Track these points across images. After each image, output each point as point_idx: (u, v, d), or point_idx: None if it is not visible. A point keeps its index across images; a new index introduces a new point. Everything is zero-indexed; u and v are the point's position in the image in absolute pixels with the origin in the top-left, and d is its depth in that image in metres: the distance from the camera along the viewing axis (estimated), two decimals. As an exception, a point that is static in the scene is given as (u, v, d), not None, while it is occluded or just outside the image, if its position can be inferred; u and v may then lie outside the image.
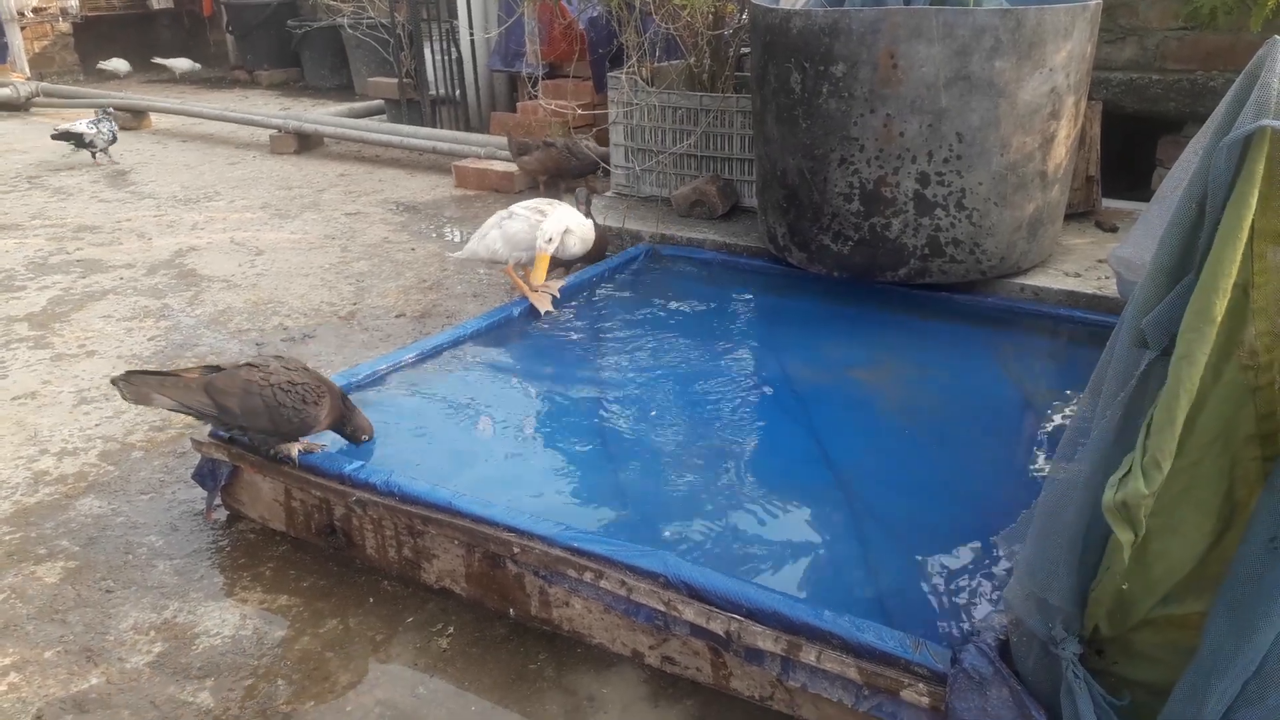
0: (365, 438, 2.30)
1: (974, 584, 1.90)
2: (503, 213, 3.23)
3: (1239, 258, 1.12)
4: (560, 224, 3.08)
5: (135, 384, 2.10)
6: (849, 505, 2.17)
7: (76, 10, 10.27)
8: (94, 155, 6.28)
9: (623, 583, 1.80)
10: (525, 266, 3.25)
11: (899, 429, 2.55)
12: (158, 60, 10.13)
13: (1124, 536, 1.19)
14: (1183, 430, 1.17)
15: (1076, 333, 3.01)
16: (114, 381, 2.10)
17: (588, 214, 3.47)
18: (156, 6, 11.28)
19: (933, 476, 2.32)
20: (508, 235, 3.19)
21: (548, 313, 3.18)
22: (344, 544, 2.21)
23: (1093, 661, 1.37)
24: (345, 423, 2.27)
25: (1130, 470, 1.17)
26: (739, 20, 4.13)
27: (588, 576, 1.84)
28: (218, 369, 2.18)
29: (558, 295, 3.27)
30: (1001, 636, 1.53)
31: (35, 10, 9.81)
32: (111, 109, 6.45)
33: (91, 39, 10.62)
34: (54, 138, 6.19)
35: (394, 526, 2.11)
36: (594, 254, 3.51)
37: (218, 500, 2.40)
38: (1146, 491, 1.16)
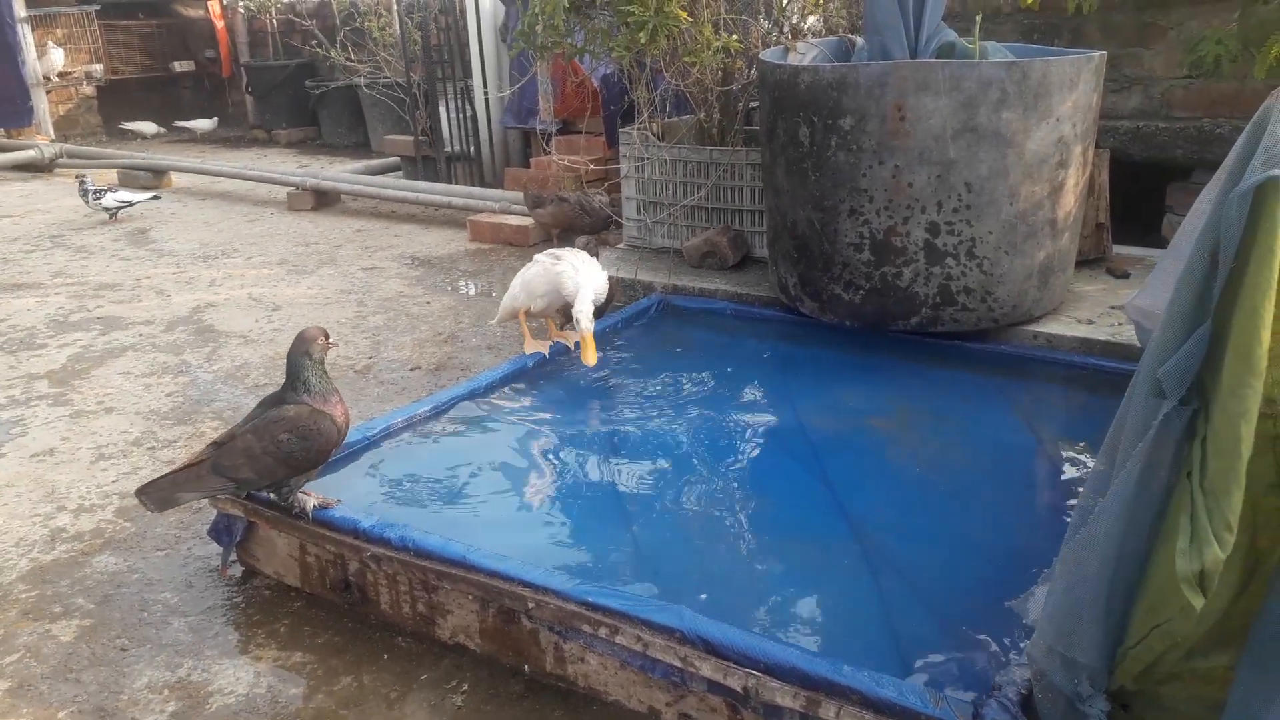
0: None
1: (995, 637, 1.87)
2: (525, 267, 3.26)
3: (1272, 309, 1.12)
4: (588, 299, 3.04)
5: (153, 493, 2.11)
6: (866, 557, 2.15)
7: (101, 74, 10.52)
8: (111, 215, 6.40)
9: (639, 638, 1.78)
10: (546, 315, 3.26)
11: (915, 478, 2.53)
12: (180, 124, 10.34)
13: (1196, 602, 1.16)
14: (1205, 481, 1.15)
15: (1091, 380, 2.99)
16: (138, 497, 2.11)
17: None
18: (178, 69, 11.54)
19: (950, 526, 2.29)
20: (525, 281, 3.21)
21: (551, 349, 3.18)
22: (359, 600, 2.19)
23: (1118, 717, 1.33)
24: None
25: (1199, 536, 1.15)
26: (748, 76, 4.19)
27: (603, 632, 1.82)
28: (219, 445, 2.17)
29: (572, 346, 3.29)
30: (1024, 691, 1.50)
31: (61, 75, 10.04)
32: (88, 180, 6.49)
33: (114, 101, 10.86)
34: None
35: (408, 582, 2.09)
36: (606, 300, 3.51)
37: (233, 556, 2.39)
38: (1224, 556, 1.14)
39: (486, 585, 1.95)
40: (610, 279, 3.49)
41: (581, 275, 3.10)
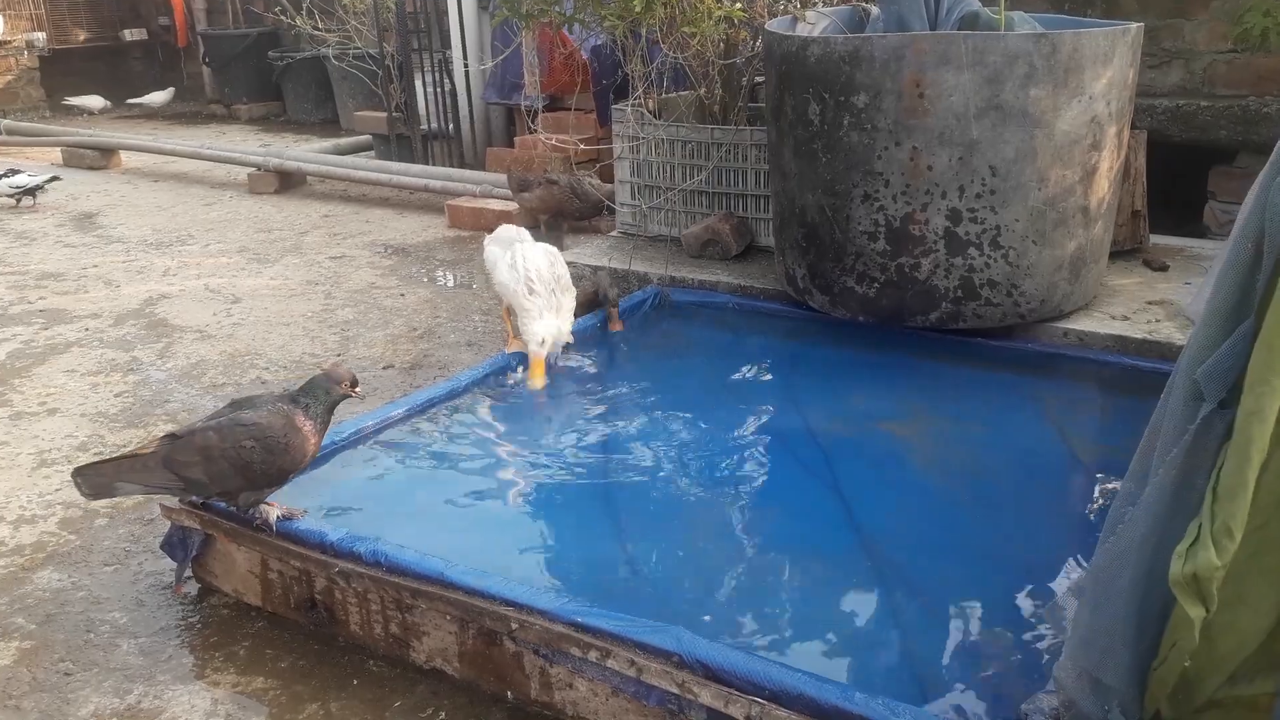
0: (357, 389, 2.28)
1: (1019, 660, 1.88)
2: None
3: None
4: (548, 329, 3.05)
5: (90, 477, 2.10)
6: (879, 573, 2.15)
7: (43, 43, 10.49)
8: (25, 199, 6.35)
9: (632, 662, 1.78)
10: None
11: (932, 488, 2.54)
12: (133, 100, 10.29)
13: (1194, 612, 1.17)
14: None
15: (1126, 380, 3.00)
16: (72, 479, 2.10)
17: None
18: (129, 38, 11.51)
19: (971, 540, 2.30)
20: (501, 278, 3.21)
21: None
22: (326, 620, 2.19)
23: (1154, 748, 1.34)
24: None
25: (1198, 539, 1.16)
26: (752, 48, 4.19)
27: (593, 655, 1.82)
28: (175, 436, 2.17)
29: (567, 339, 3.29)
30: (1051, 719, 1.51)
31: None
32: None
33: (58, 73, 10.83)
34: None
35: (380, 600, 2.09)
36: (582, 308, 3.50)
37: (188, 572, 2.39)
38: (1219, 563, 1.15)
39: (466, 604, 1.95)
40: (602, 280, 3.48)
41: (547, 318, 3.07)
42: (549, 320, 3.06)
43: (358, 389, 2.25)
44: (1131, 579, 1.32)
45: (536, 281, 3.10)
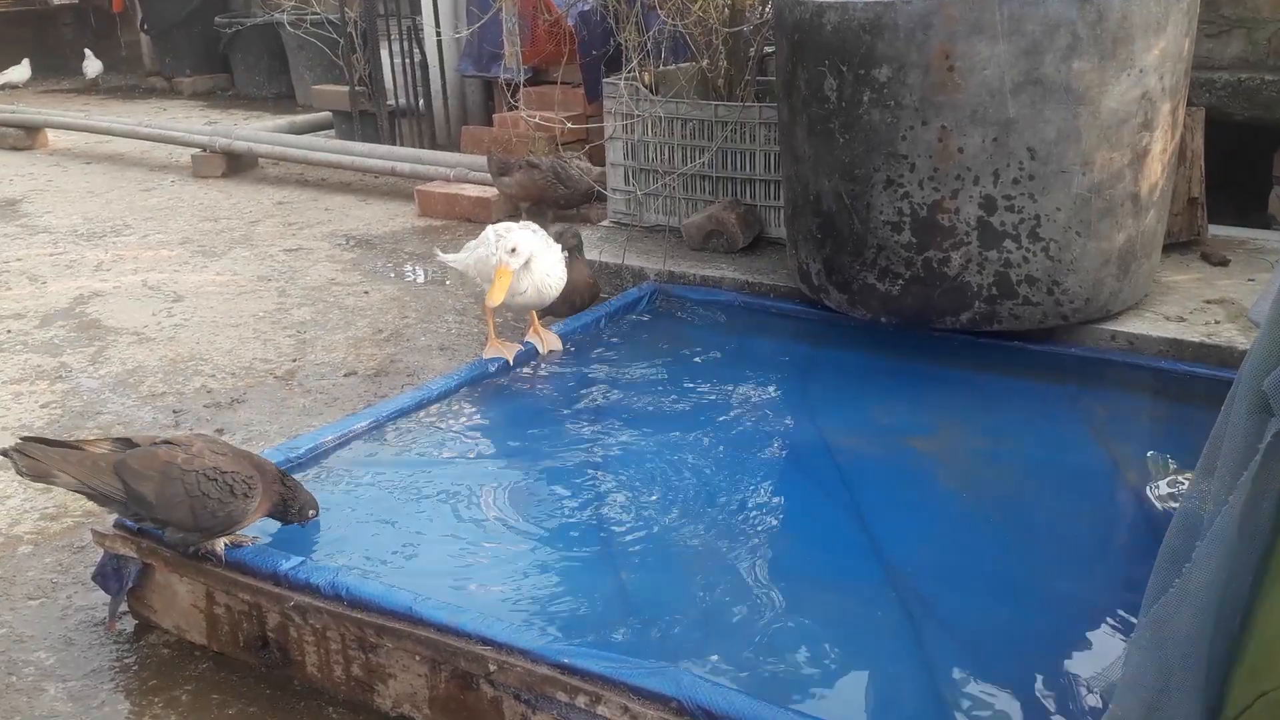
0: (312, 514, 2.32)
1: (1062, 707, 1.87)
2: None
3: None
4: (530, 243, 3.08)
5: (33, 455, 2.10)
6: (904, 607, 2.15)
7: (-40, 9, 10.48)
8: None
9: (625, 708, 1.78)
10: (524, 311, 3.29)
11: (964, 512, 2.54)
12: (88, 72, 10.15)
13: None
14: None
15: (1182, 389, 3.01)
16: (5, 453, 2.10)
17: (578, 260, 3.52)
18: (57, 3, 11.50)
19: (1007, 571, 2.30)
20: (478, 258, 3.22)
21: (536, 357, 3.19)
22: (279, 660, 2.19)
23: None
24: (287, 507, 2.27)
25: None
26: (761, 15, 4.20)
27: (582, 701, 1.82)
28: (130, 443, 2.18)
29: (559, 348, 3.31)
30: (1100, 775, 1.51)
31: (-91, 9, 10.01)
32: None
33: (-22, 41, 10.82)
34: None
35: (341, 638, 2.09)
36: (580, 303, 3.53)
37: (123, 607, 2.38)
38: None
39: (438, 643, 1.95)
40: (588, 273, 3.50)
41: (534, 243, 3.10)
42: (532, 237, 3.10)
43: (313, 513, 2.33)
44: (1194, 616, 1.31)
45: (505, 230, 3.17)
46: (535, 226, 3.25)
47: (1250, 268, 3.62)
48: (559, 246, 3.27)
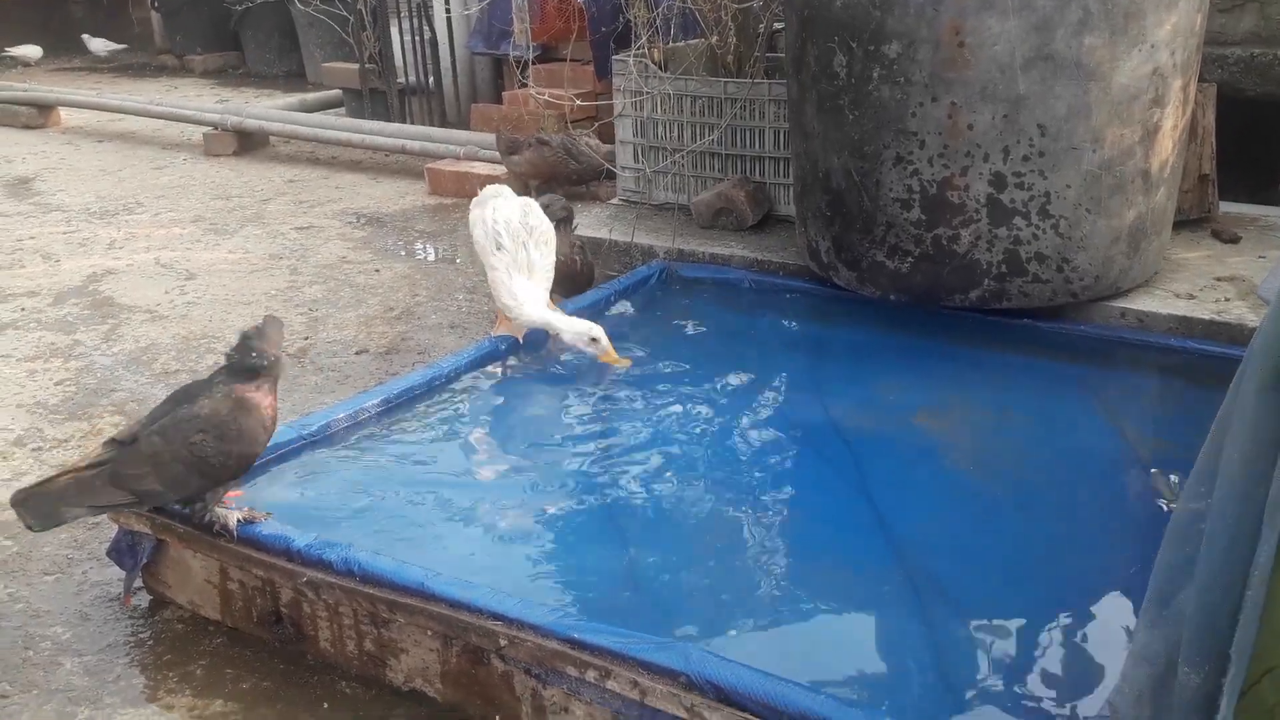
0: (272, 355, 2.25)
1: (1070, 684, 1.88)
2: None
3: None
4: (524, 293, 3.07)
5: (34, 504, 2.07)
6: (912, 585, 2.15)
7: (-28, -14, 10.47)
8: None
9: (634, 683, 1.79)
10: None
11: (972, 489, 2.53)
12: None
13: None
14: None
15: (1192, 367, 3.00)
16: (15, 509, 2.08)
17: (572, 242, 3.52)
18: (68, -20, 11.49)
19: (1015, 549, 2.30)
20: (475, 237, 3.23)
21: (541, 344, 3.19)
22: (292, 635, 2.20)
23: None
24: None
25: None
26: (771, -10, 4.17)
27: (591, 675, 1.83)
28: (119, 443, 2.16)
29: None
30: (1106, 751, 1.51)
31: (-78, -14, 10.01)
32: None
33: (-10, 19, 10.81)
34: None
35: (353, 614, 2.10)
36: (574, 287, 3.53)
37: (138, 582, 2.40)
38: None
39: (449, 618, 1.96)
40: (577, 253, 3.49)
41: (516, 284, 3.07)
42: (519, 281, 3.08)
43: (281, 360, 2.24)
44: (1201, 593, 1.31)
45: (504, 234, 3.12)
46: (529, 201, 3.22)
47: (1261, 245, 3.59)
48: (552, 251, 3.22)
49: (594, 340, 3.02)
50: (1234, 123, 3.99)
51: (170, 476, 2.11)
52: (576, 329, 3.04)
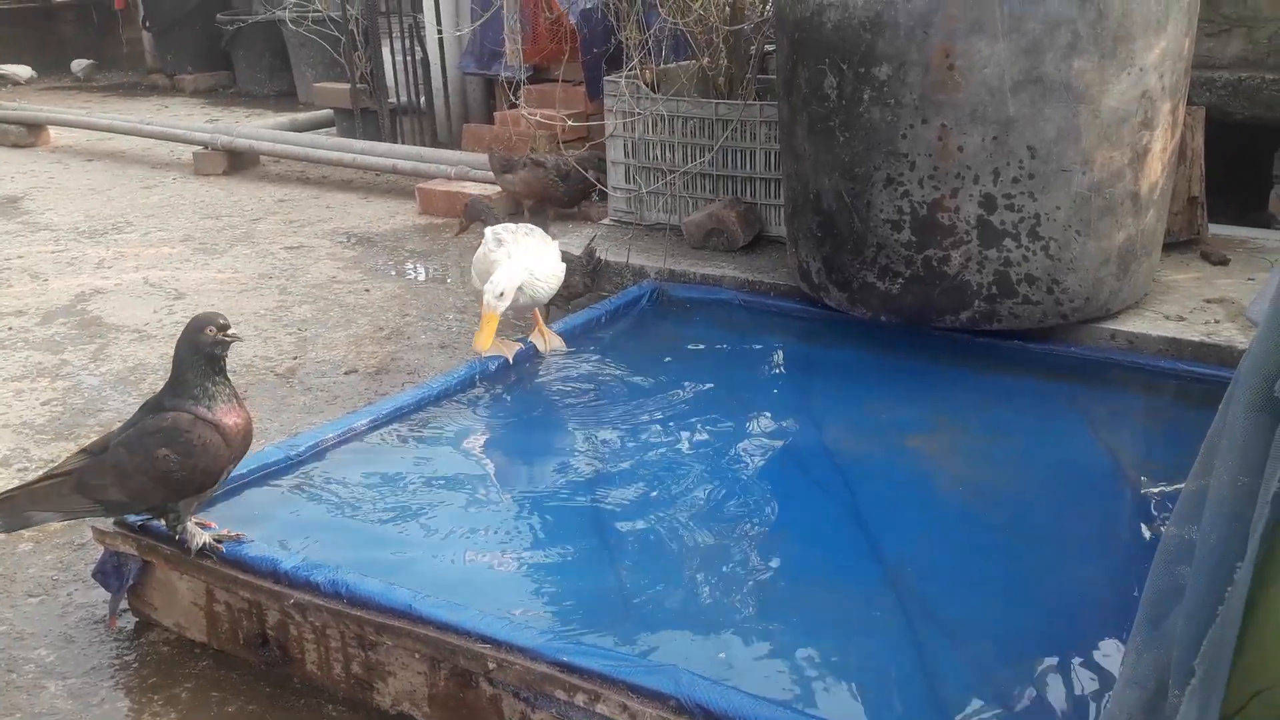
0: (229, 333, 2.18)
1: (1061, 707, 1.87)
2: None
3: None
4: (513, 277, 3.07)
5: (2, 508, 2.09)
6: (903, 608, 2.15)
7: (-38, 5, 10.49)
8: None
9: (624, 706, 1.78)
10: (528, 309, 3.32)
11: (964, 512, 2.53)
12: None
13: None
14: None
15: (1182, 389, 3.01)
16: None
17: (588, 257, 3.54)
18: (60, 0, 11.50)
19: (1007, 572, 2.30)
20: (475, 261, 3.25)
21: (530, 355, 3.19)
22: (279, 658, 2.19)
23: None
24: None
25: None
26: (762, 13, 4.19)
27: (580, 699, 1.82)
28: (90, 453, 2.17)
29: (562, 347, 3.32)
30: (1097, 774, 1.51)
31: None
32: None
33: (-20, 39, 10.83)
34: None
35: (341, 636, 2.09)
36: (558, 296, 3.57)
37: (123, 604, 2.39)
38: None
39: (438, 641, 1.95)
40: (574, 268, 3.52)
41: (515, 261, 3.11)
42: (515, 264, 3.09)
43: (230, 330, 2.16)
44: (1188, 615, 1.31)
45: (504, 231, 3.18)
46: (533, 228, 3.26)
47: (1250, 267, 3.61)
48: (555, 243, 3.28)
49: (493, 297, 3.02)
50: (1222, 146, 4.02)
51: (134, 488, 2.12)
52: (495, 279, 3.04)
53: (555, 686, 1.84)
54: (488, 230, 3.26)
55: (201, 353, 2.15)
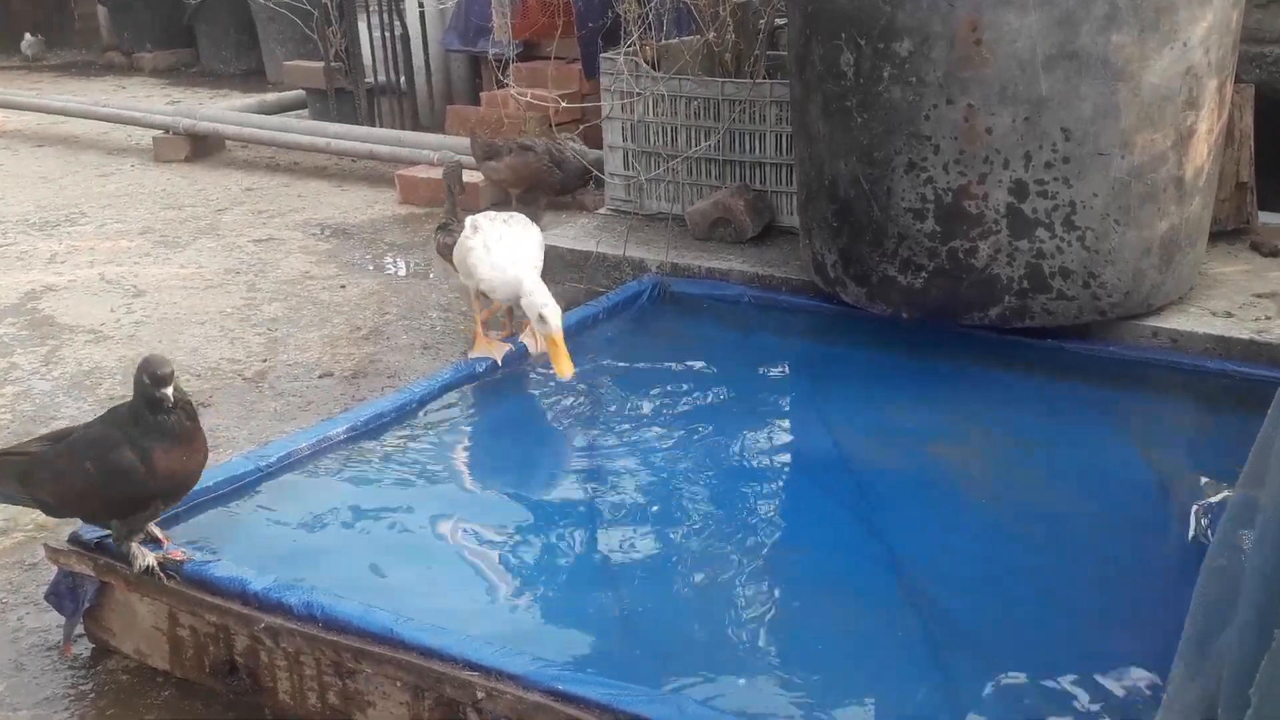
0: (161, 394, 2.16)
1: (1100, 736, 1.88)
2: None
3: None
4: (538, 284, 3.03)
5: None
6: (925, 629, 2.16)
7: (-98, -23, 10.49)
8: None
9: (624, 738, 1.78)
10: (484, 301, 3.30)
11: (992, 525, 2.54)
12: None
13: None
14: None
15: (1231, 392, 3.01)
16: None
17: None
18: (7, -29, 11.51)
19: (1039, 589, 2.30)
20: (455, 249, 3.28)
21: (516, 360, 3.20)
22: (248, 687, 2.19)
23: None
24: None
25: None
26: (772, -17, 4.20)
27: (577, 730, 1.82)
28: (55, 440, 2.22)
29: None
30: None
31: None
32: None
33: (-80, 14, 10.83)
34: None
35: (316, 663, 2.09)
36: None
37: (79, 629, 2.38)
38: None
39: (421, 668, 1.95)
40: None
41: (498, 254, 3.09)
42: (502, 250, 3.09)
43: (165, 391, 2.12)
44: (1241, 635, 1.32)
45: (480, 218, 3.20)
46: (514, 215, 3.25)
47: (1304, 258, 3.62)
48: (537, 230, 3.27)
49: (541, 319, 2.97)
50: (1274, 126, 4.02)
51: (64, 494, 2.18)
52: (535, 299, 2.98)
53: (550, 717, 1.84)
54: (467, 218, 3.26)
55: (142, 394, 2.17)
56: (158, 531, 2.26)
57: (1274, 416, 1.36)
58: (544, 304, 2.96)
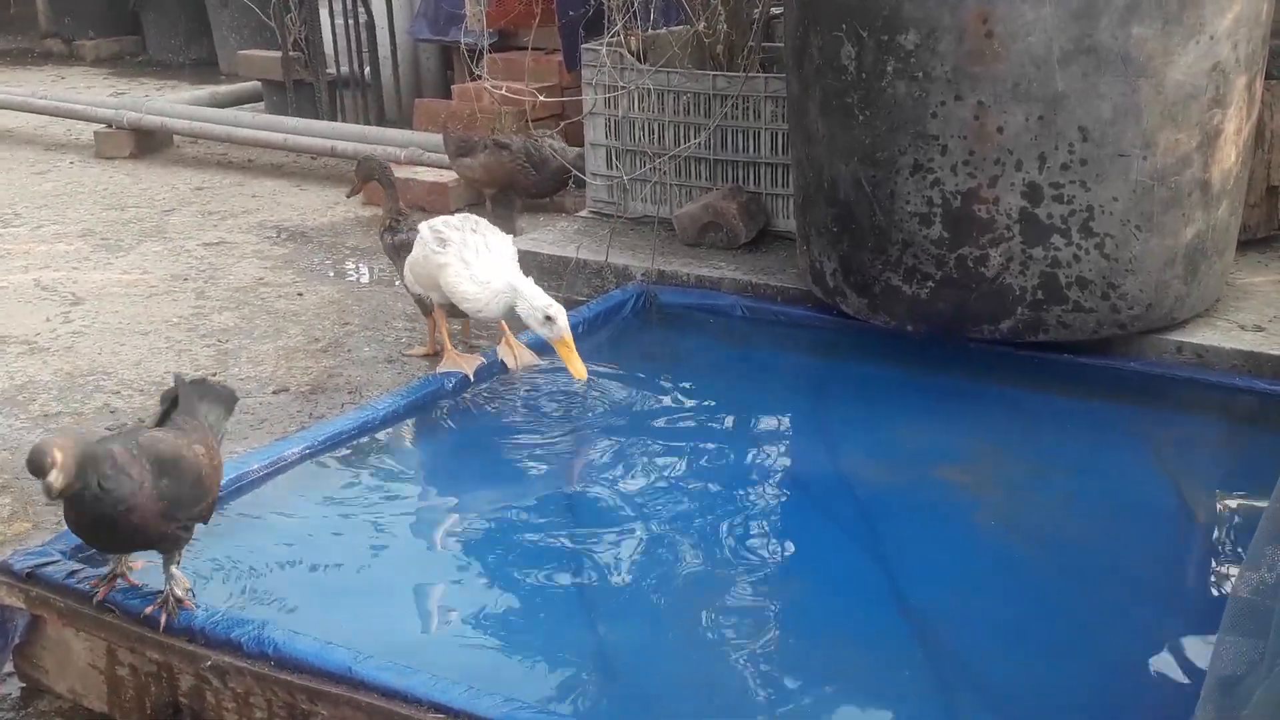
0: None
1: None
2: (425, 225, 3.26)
3: None
4: (534, 289, 3.03)
5: None
6: (934, 667, 2.16)
7: None
8: None
9: (604, 787, 1.78)
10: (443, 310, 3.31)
11: (1004, 554, 2.54)
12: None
13: None
14: None
15: (1261, 410, 3.02)
16: None
17: None
18: (-65, -49, 11.49)
19: (1055, 625, 2.30)
20: (411, 264, 3.26)
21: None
22: (194, 731, 2.18)
23: None
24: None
25: None
26: (767, -31, 4.22)
27: (553, 778, 1.82)
28: None
29: (534, 362, 3.30)
30: None
31: None
32: None
33: None
34: None
35: (268, 705, 2.08)
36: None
37: (8, 666, 2.37)
38: None
39: (384, 710, 1.94)
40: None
41: (479, 267, 3.07)
42: (481, 262, 3.06)
43: (45, 481, 1.93)
44: (1272, 671, 1.32)
45: (445, 228, 3.15)
46: (478, 220, 3.22)
47: (1340, 268, 3.64)
48: (509, 238, 3.23)
49: (549, 320, 2.95)
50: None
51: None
52: (538, 301, 2.97)
53: (522, 763, 1.84)
54: (424, 227, 3.20)
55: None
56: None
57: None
58: (548, 305, 2.97)
